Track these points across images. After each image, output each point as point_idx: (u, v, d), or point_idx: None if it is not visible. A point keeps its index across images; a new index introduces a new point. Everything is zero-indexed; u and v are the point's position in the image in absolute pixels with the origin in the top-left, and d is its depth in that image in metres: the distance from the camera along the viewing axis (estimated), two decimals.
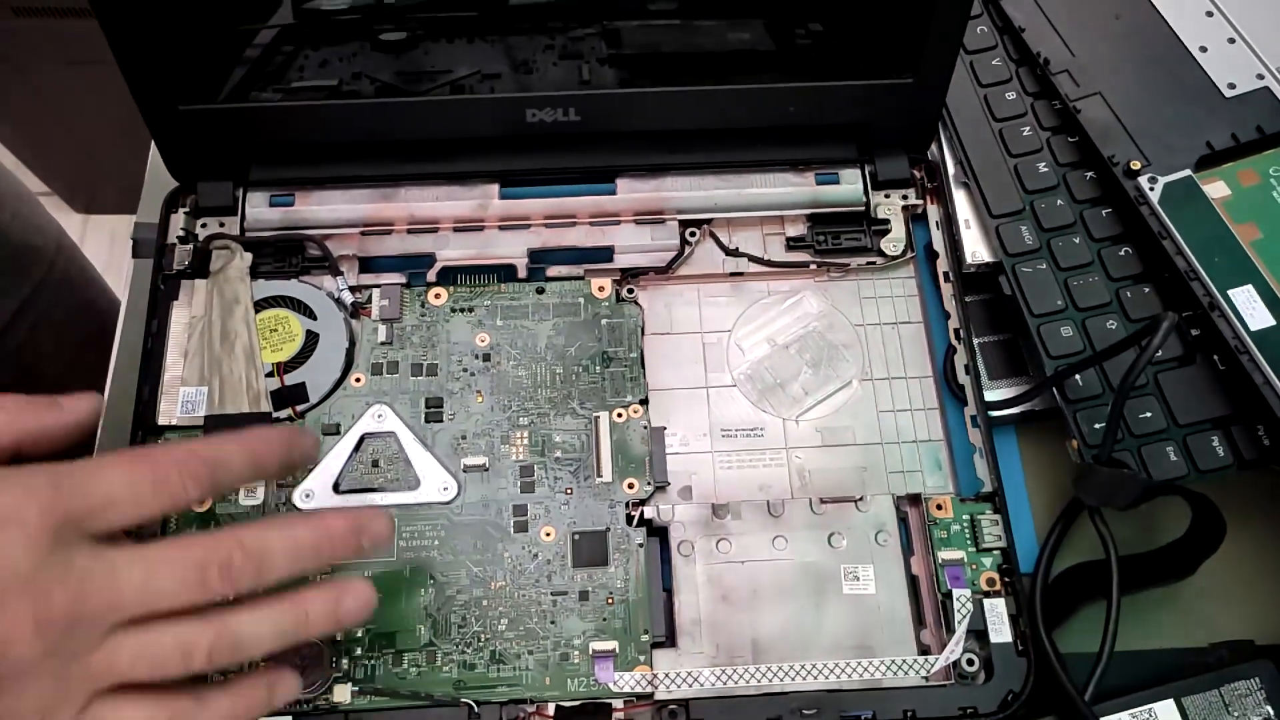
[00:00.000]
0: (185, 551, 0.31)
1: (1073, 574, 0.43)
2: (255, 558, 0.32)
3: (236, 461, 0.33)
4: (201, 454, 0.32)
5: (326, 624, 0.34)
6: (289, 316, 0.44)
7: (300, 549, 0.33)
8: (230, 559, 0.31)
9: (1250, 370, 0.40)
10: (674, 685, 0.39)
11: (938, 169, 0.48)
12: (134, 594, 0.30)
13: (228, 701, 0.33)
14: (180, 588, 0.30)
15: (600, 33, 0.44)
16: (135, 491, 0.31)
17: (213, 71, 0.43)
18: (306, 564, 0.33)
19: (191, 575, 0.31)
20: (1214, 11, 0.48)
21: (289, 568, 0.33)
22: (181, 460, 0.32)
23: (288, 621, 0.33)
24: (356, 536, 0.34)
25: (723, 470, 0.44)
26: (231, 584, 0.31)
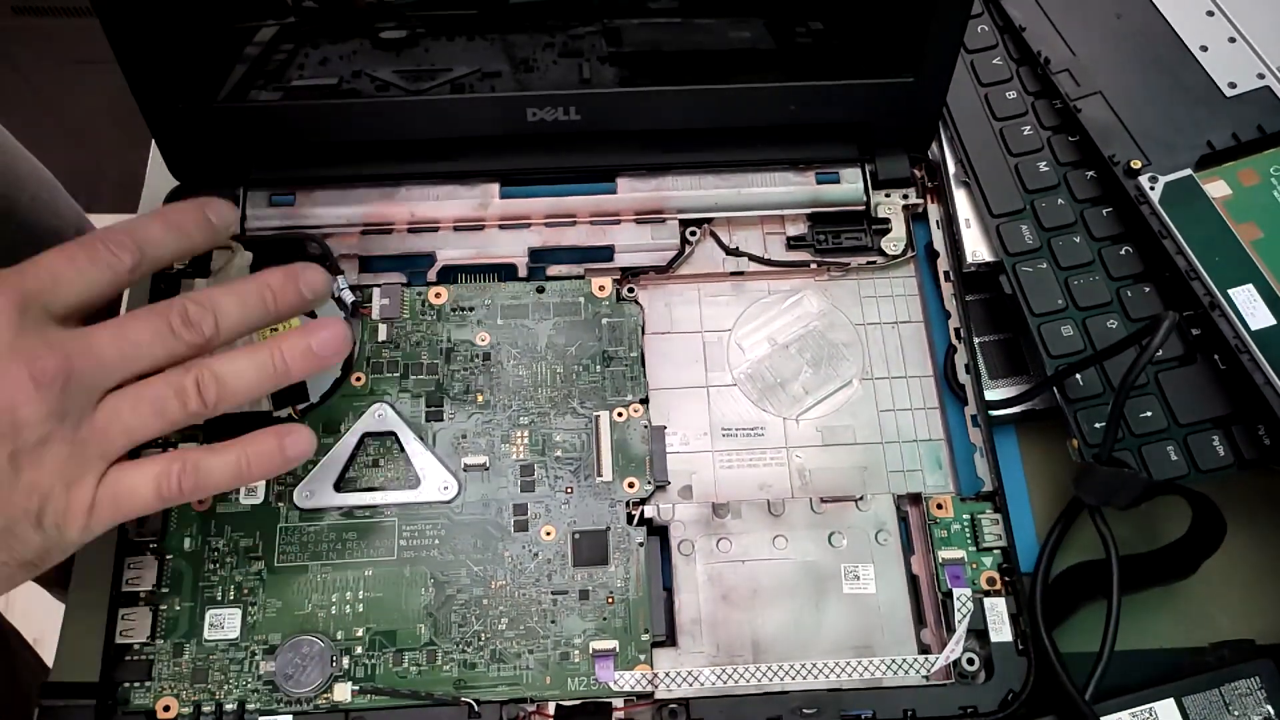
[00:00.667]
0: (147, 310, 0.35)
1: (1073, 574, 0.43)
2: (208, 305, 0.35)
3: (156, 229, 0.37)
4: (124, 227, 0.36)
5: (305, 360, 0.37)
6: None
7: (246, 296, 0.36)
8: (185, 308, 0.35)
9: (1250, 370, 0.40)
10: (674, 684, 0.39)
11: (938, 168, 0.48)
12: (113, 352, 0.33)
13: (237, 449, 0.36)
14: (152, 337, 0.34)
15: (601, 31, 0.44)
16: (75, 266, 0.34)
17: (213, 71, 0.43)
18: (255, 311, 0.37)
19: (158, 324, 0.34)
20: (1214, 11, 0.48)
21: (240, 314, 0.36)
22: (108, 234, 0.35)
23: (265, 358, 0.36)
24: (295, 285, 0.38)
25: (723, 470, 0.44)
26: (195, 329, 0.35)
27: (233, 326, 0.36)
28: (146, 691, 0.39)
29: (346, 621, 0.40)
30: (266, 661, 0.39)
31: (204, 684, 0.39)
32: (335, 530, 0.41)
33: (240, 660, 0.39)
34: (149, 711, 0.38)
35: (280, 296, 0.37)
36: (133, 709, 0.38)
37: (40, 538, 0.33)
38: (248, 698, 0.39)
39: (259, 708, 0.38)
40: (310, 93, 0.45)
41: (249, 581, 0.40)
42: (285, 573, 0.40)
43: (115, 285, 0.35)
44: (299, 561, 0.41)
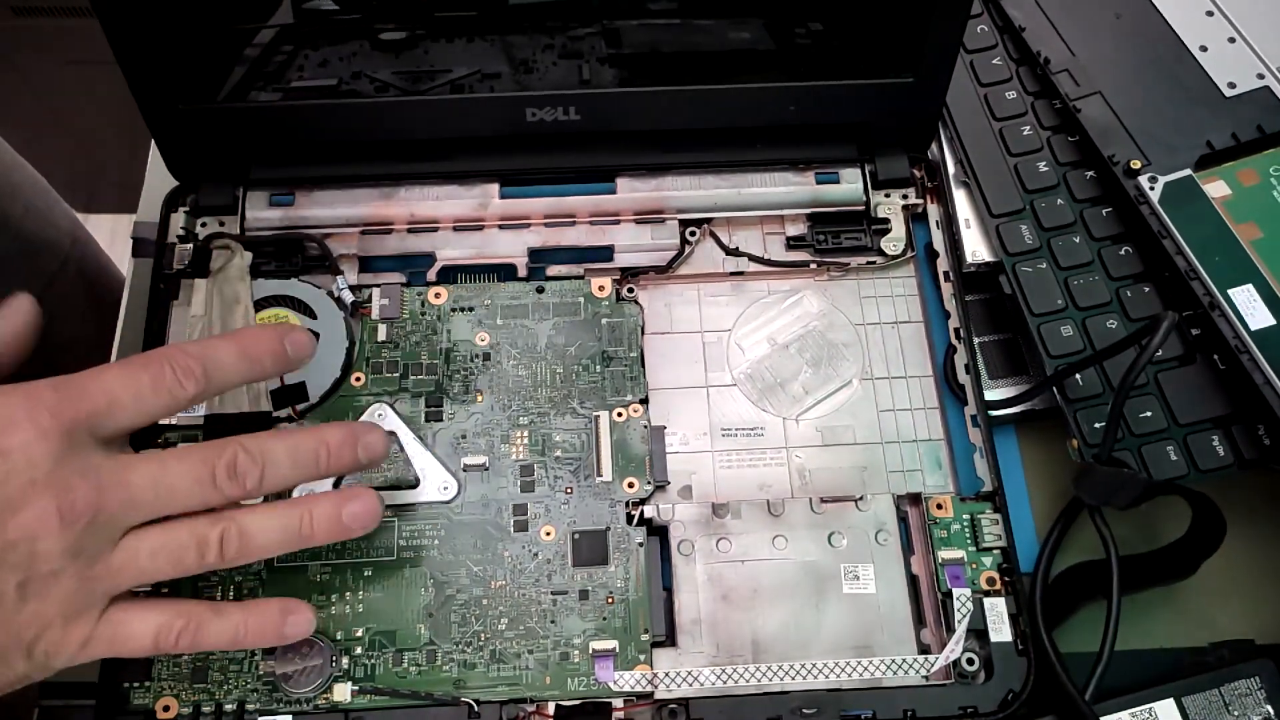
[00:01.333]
0: (193, 452, 0.33)
1: (1073, 574, 0.43)
2: (258, 457, 0.33)
3: (228, 357, 0.34)
4: (194, 352, 0.34)
5: (331, 528, 0.35)
6: (289, 316, 0.44)
7: (299, 453, 0.35)
8: (235, 457, 0.33)
9: (1250, 370, 0.40)
10: (674, 684, 0.39)
11: (938, 168, 0.48)
12: (149, 491, 0.32)
13: (240, 615, 0.35)
14: (191, 485, 0.32)
15: (600, 32, 0.44)
16: (135, 391, 0.32)
17: (213, 71, 0.43)
18: (306, 469, 0.35)
19: (201, 471, 0.33)
20: (1214, 11, 0.48)
21: (290, 470, 0.34)
22: (175, 358, 0.33)
23: (293, 520, 0.34)
24: (352, 447, 0.36)
25: (723, 470, 0.44)
26: (238, 482, 0.33)
27: (278, 483, 0.34)
28: (146, 691, 0.39)
29: (346, 621, 0.40)
30: (266, 661, 0.39)
31: (204, 684, 0.39)
32: None
33: (240, 660, 0.39)
34: (149, 711, 0.38)
35: (335, 457, 0.36)
36: (132, 709, 0.38)
37: (26, 666, 0.32)
38: (247, 698, 0.38)
39: (259, 708, 0.38)
40: (310, 93, 0.45)
41: (248, 581, 0.40)
42: (285, 573, 0.40)
43: (171, 411, 0.33)
44: (298, 561, 0.41)
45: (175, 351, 0.34)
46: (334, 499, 0.36)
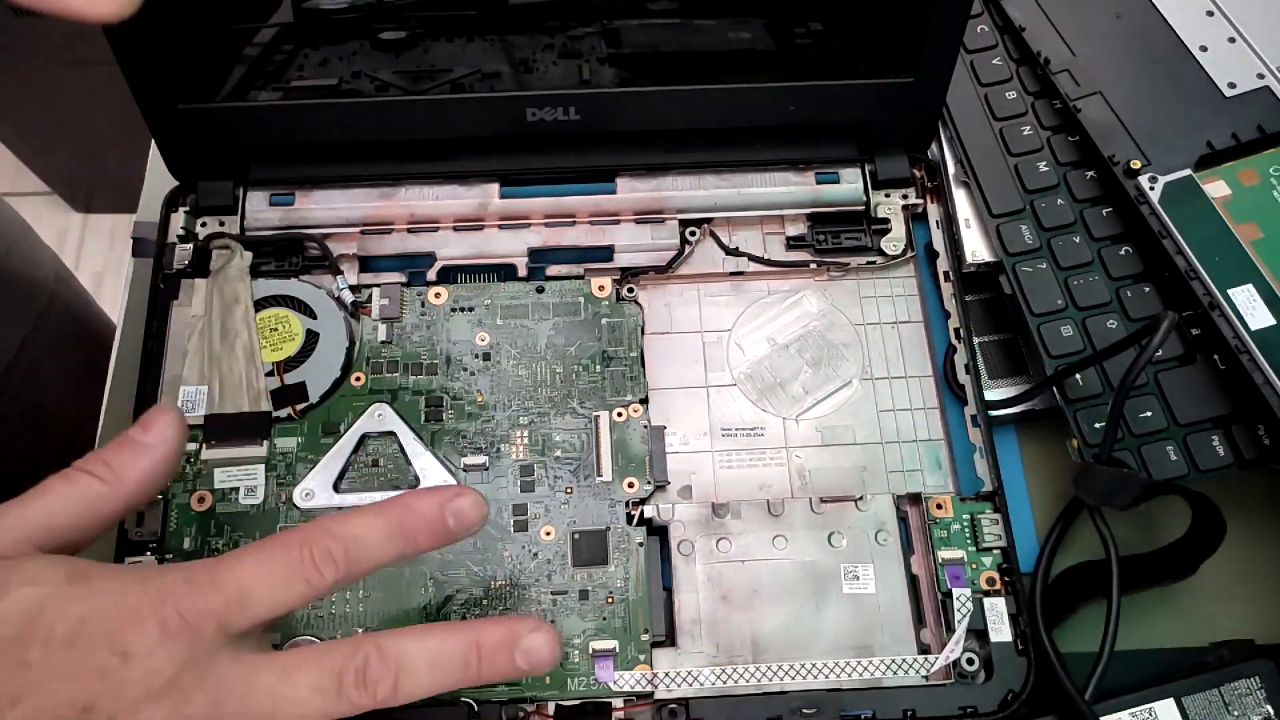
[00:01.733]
0: (323, 658, 0.30)
1: (1073, 574, 0.43)
2: (393, 664, 0.30)
3: (376, 537, 0.31)
4: (337, 532, 0.30)
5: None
6: (289, 316, 0.44)
7: (444, 659, 0.30)
8: (367, 664, 0.29)
9: (1250, 370, 0.40)
10: (674, 684, 0.39)
11: (938, 168, 0.48)
12: (266, 702, 0.29)
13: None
14: (313, 695, 0.29)
15: (600, 32, 0.44)
16: (270, 583, 0.29)
17: (213, 71, 0.43)
18: (449, 676, 0.31)
19: (328, 683, 0.29)
20: (1214, 11, 0.48)
21: (429, 678, 0.30)
22: (316, 541, 0.30)
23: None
24: (509, 651, 0.31)
25: (723, 470, 0.44)
26: (368, 692, 0.29)
27: (410, 695, 0.30)
28: None
29: (346, 621, 0.40)
30: None
31: None
32: None
33: None
34: None
35: (487, 664, 0.31)
36: None
37: None
38: None
39: None
40: (310, 93, 0.45)
41: None
42: None
43: (306, 602, 0.30)
44: None
45: (316, 533, 0.30)
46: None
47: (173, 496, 0.41)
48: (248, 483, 0.42)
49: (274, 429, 0.43)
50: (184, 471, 0.42)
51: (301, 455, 0.42)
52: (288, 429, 0.43)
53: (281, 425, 0.43)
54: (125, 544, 0.40)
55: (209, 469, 0.42)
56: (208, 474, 0.42)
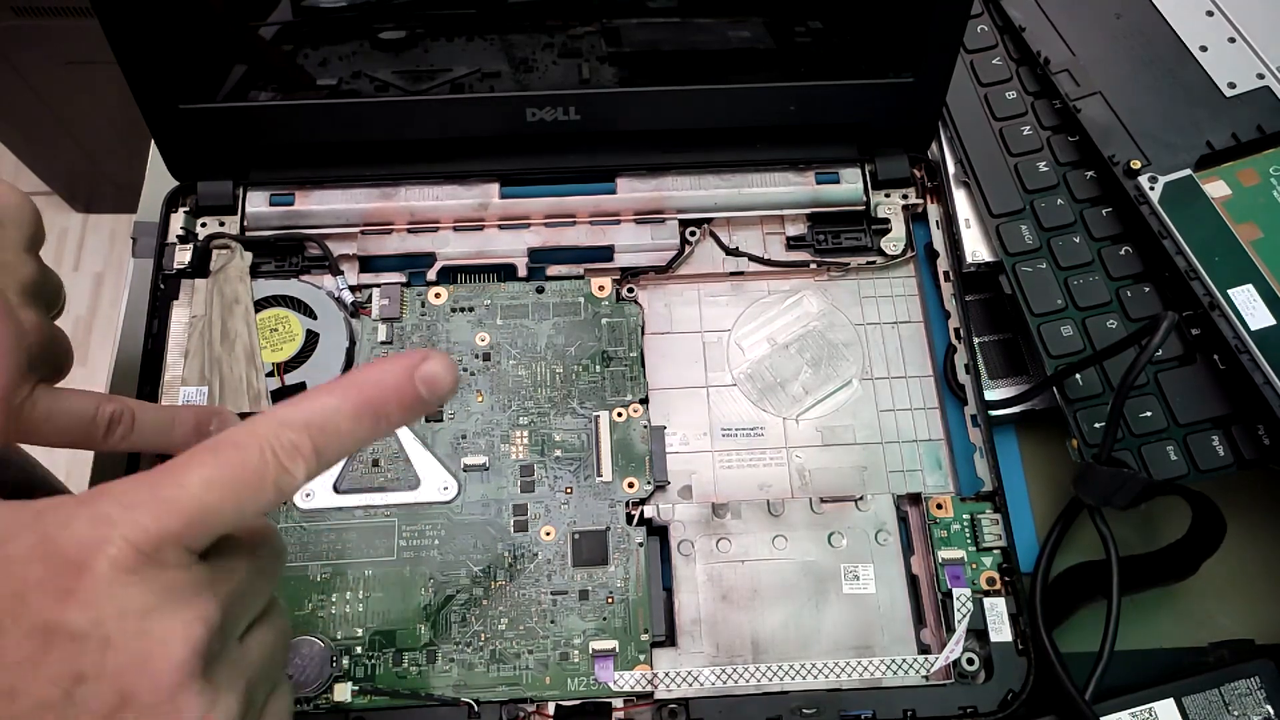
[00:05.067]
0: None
1: (1073, 574, 0.43)
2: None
3: (343, 420, 0.27)
4: (297, 421, 0.26)
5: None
6: (289, 316, 0.44)
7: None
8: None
9: (1250, 370, 0.40)
10: (674, 684, 0.39)
11: (938, 168, 0.48)
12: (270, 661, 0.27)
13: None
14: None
15: (600, 31, 0.44)
16: (233, 495, 0.25)
17: (213, 71, 0.43)
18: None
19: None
20: (1214, 11, 0.48)
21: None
22: (277, 437, 0.26)
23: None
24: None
25: (723, 469, 0.44)
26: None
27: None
28: None
29: (346, 621, 0.40)
30: None
31: None
32: (335, 530, 0.41)
33: None
34: None
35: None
36: None
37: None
38: None
39: None
40: (310, 93, 0.44)
41: None
42: (285, 573, 0.40)
43: (276, 505, 0.26)
44: (299, 561, 0.40)
45: (272, 426, 0.26)
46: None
47: None
48: None
49: None
50: None
51: None
52: None
53: None
54: None
55: None
56: None
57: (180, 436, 0.38)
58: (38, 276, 0.35)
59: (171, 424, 0.37)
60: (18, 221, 0.34)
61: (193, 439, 0.38)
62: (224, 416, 0.39)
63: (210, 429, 0.39)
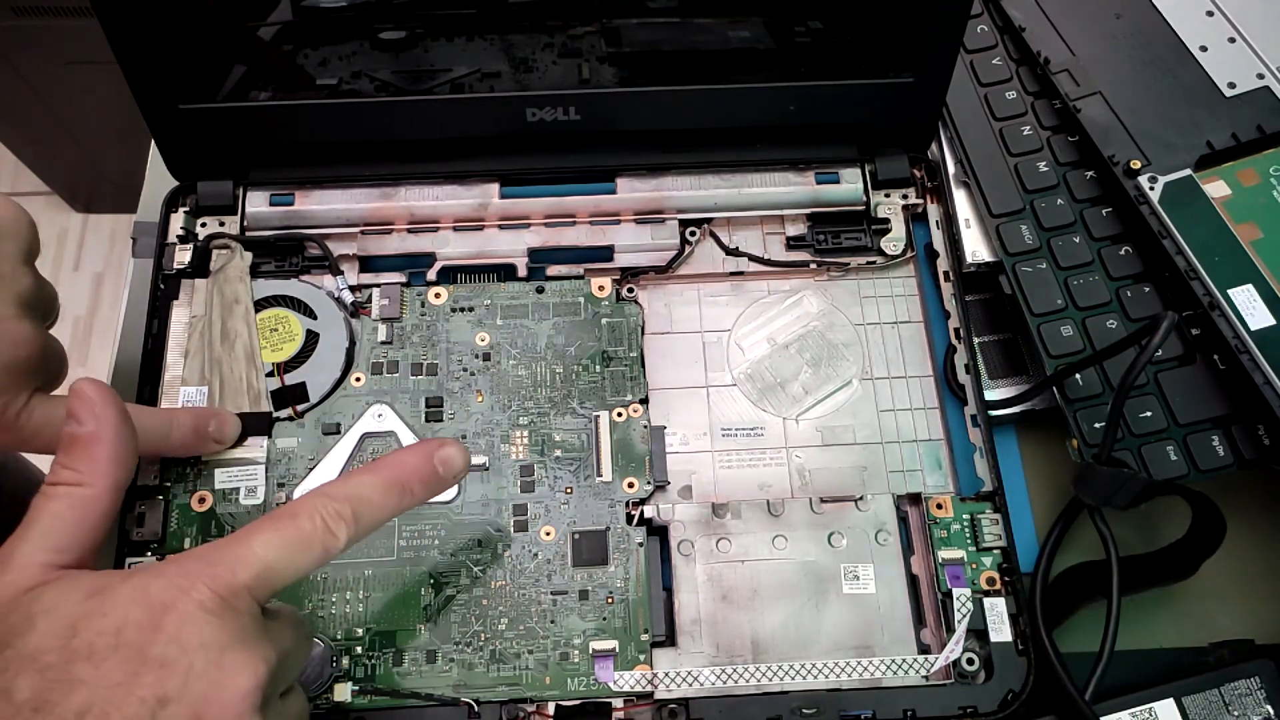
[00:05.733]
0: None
1: (1073, 574, 0.43)
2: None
3: (375, 494, 0.33)
4: (341, 495, 0.32)
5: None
6: (289, 316, 0.44)
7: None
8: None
9: (1250, 370, 0.40)
10: (674, 684, 0.39)
11: (938, 168, 0.48)
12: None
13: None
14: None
15: (600, 31, 0.44)
16: (289, 555, 0.30)
17: (213, 71, 0.43)
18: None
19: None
20: (1214, 11, 0.48)
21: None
22: (324, 507, 0.31)
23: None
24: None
25: (723, 469, 0.44)
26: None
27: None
28: None
29: (346, 621, 0.40)
30: None
31: None
32: None
33: None
34: None
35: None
36: None
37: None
38: None
39: None
40: (310, 93, 0.44)
41: None
42: None
43: (323, 564, 0.32)
44: None
45: (322, 500, 0.31)
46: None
47: (174, 497, 0.41)
48: (248, 483, 0.42)
49: (274, 429, 0.43)
50: (184, 472, 0.42)
51: (301, 455, 0.42)
52: (288, 429, 0.43)
53: (281, 425, 0.43)
54: (127, 545, 0.40)
55: (209, 469, 0.42)
56: (208, 474, 0.42)
57: (178, 439, 0.39)
58: (34, 288, 0.35)
59: (169, 427, 0.38)
60: (14, 234, 0.35)
61: (191, 441, 0.39)
62: (221, 418, 0.40)
63: (209, 430, 0.39)
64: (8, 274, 0.34)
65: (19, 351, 0.34)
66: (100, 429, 0.31)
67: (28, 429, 0.34)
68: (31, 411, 0.34)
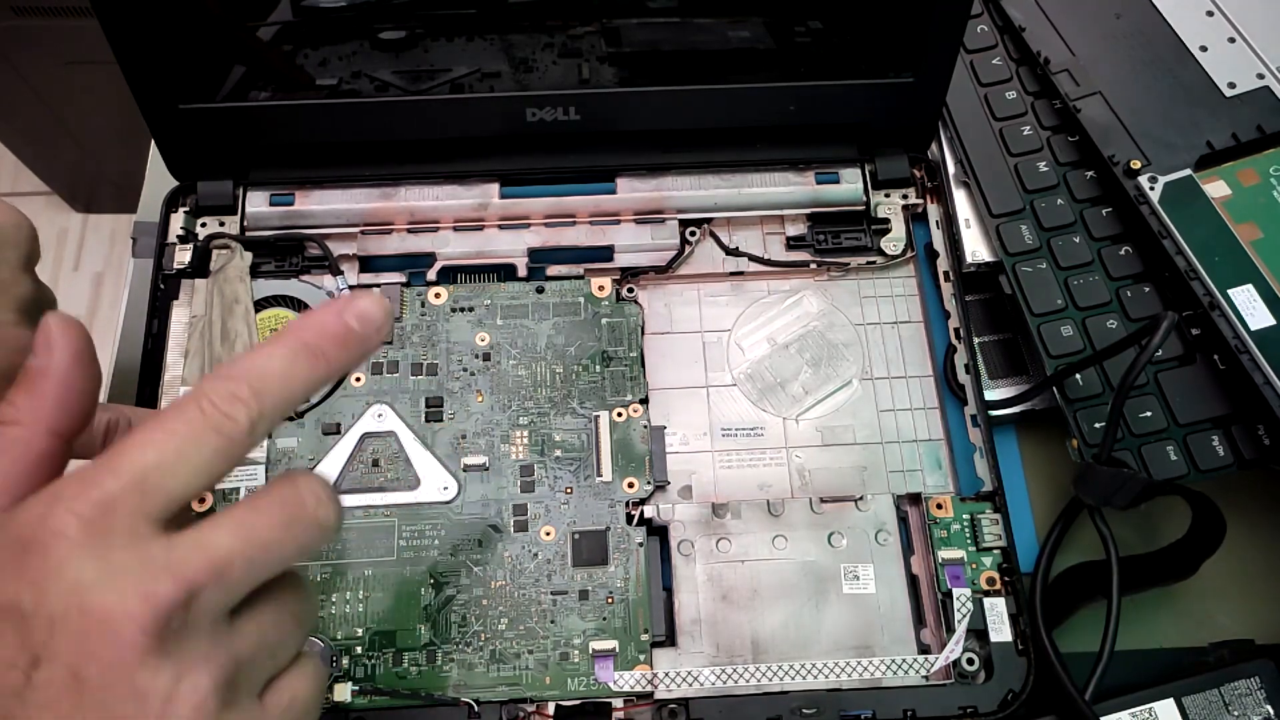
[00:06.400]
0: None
1: (1073, 574, 0.43)
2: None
3: (278, 362, 0.27)
4: (234, 373, 0.26)
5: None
6: (289, 316, 0.44)
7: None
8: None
9: (1250, 370, 0.40)
10: (674, 685, 0.39)
11: (938, 168, 0.48)
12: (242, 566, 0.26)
13: None
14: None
15: (600, 31, 0.44)
16: (176, 449, 0.25)
17: (213, 71, 0.43)
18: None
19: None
20: (1214, 11, 0.48)
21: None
22: (211, 389, 0.26)
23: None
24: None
25: (723, 469, 0.44)
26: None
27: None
28: None
29: (346, 621, 0.40)
30: None
31: None
32: None
33: None
34: None
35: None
36: None
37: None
38: None
39: None
40: (310, 93, 0.44)
41: None
42: None
43: (232, 456, 0.26)
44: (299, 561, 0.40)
45: (208, 381, 0.26)
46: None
47: None
48: (248, 483, 0.42)
49: (274, 429, 0.43)
50: None
51: (301, 455, 0.42)
52: (288, 429, 0.43)
53: (281, 425, 0.43)
54: None
55: None
56: None
57: None
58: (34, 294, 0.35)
59: None
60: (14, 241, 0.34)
61: None
62: None
63: None
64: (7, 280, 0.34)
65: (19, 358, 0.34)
66: (48, 363, 0.28)
67: None
68: None
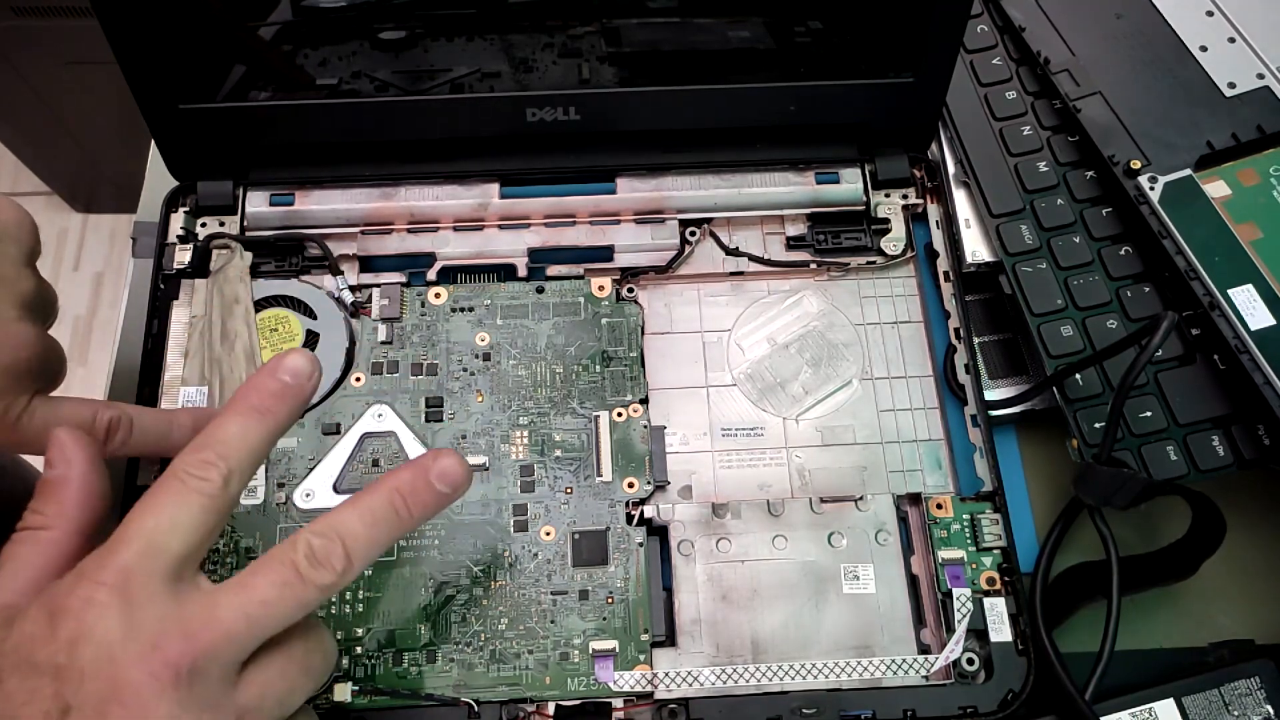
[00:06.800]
0: (271, 560, 0.30)
1: (1073, 574, 0.43)
2: (332, 534, 0.30)
3: (232, 426, 0.31)
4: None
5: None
6: (289, 316, 0.44)
7: (374, 513, 0.31)
8: (310, 544, 0.30)
9: (1250, 370, 0.40)
10: (674, 684, 0.39)
11: (938, 168, 0.48)
12: (241, 620, 0.29)
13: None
14: (281, 590, 0.29)
15: (600, 31, 0.44)
16: (165, 512, 0.29)
17: (213, 71, 0.43)
18: (387, 526, 0.31)
19: (288, 575, 0.29)
20: (1214, 11, 0.48)
21: (371, 531, 0.31)
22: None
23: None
24: (426, 482, 0.32)
25: (723, 469, 0.44)
26: (326, 568, 0.30)
27: (365, 552, 0.30)
28: None
29: (346, 621, 0.40)
30: None
31: None
32: None
33: None
34: None
35: (413, 501, 0.31)
36: None
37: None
38: None
39: None
40: (310, 93, 0.44)
41: None
42: None
43: (218, 513, 0.30)
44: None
45: (182, 456, 0.30)
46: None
47: None
48: None
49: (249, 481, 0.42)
50: None
51: (301, 455, 0.42)
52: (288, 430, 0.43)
53: None
54: None
55: None
56: None
57: (178, 440, 0.39)
58: (35, 290, 0.35)
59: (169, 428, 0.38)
60: (16, 237, 0.35)
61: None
62: None
63: None
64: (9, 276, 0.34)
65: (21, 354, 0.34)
66: (68, 473, 0.32)
67: (29, 431, 0.35)
68: (33, 413, 0.34)
